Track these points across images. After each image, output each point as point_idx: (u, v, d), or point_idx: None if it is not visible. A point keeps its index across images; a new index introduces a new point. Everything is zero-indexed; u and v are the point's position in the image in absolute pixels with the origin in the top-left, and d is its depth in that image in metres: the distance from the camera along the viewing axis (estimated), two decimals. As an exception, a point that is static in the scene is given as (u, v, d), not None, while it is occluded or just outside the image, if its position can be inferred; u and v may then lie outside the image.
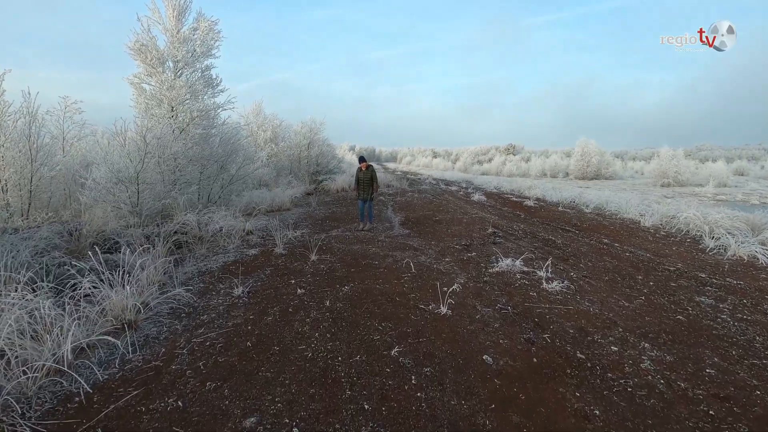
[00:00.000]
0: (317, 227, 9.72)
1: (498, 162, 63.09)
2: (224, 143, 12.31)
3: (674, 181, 31.34)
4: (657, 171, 33.12)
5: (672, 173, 31.70)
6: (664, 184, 31.12)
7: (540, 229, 9.28)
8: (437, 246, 7.50)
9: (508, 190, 20.61)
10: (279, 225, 9.89)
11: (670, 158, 32.33)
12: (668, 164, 32.08)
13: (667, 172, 31.81)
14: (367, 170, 8.98)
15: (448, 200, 15.22)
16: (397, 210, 12.57)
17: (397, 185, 20.60)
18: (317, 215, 11.71)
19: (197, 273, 5.84)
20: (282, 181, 17.84)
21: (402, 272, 5.63)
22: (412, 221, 10.43)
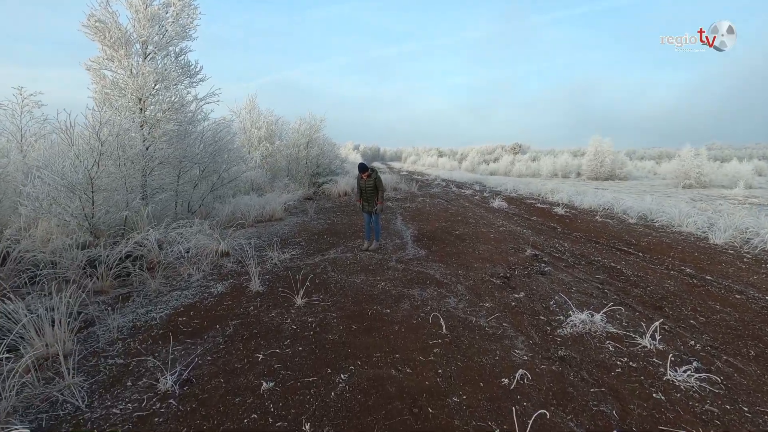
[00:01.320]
0: (312, 245, 7.89)
1: (506, 162, 61.10)
2: (206, 142, 10.52)
3: (696, 182, 29.29)
4: (678, 171, 31.01)
5: (694, 174, 29.66)
6: (686, 186, 29.07)
7: (591, 250, 7.39)
8: (467, 277, 5.65)
9: (526, 194, 18.69)
10: (265, 241, 8.08)
11: (692, 158, 30.27)
12: (690, 164, 30.03)
13: (689, 173, 29.76)
14: (369, 178, 7.13)
15: (465, 207, 13.35)
16: (408, 220, 10.72)
17: (405, 188, 18.74)
18: (314, 227, 9.89)
19: (129, 329, 4.02)
20: (278, 185, 16.04)
21: (428, 334, 3.79)
22: (428, 236, 8.58)
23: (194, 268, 6.00)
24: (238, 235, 8.80)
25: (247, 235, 8.81)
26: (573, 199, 15.20)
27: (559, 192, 17.27)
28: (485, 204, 14.40)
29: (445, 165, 71.95)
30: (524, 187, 20.66)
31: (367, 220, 7.45)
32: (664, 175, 40.39)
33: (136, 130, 8.83)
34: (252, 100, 16.64)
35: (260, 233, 9.16)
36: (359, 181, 7.30)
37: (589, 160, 41.22)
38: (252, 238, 8.38)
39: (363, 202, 7.34)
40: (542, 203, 14.55)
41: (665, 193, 22.84)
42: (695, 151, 31.25)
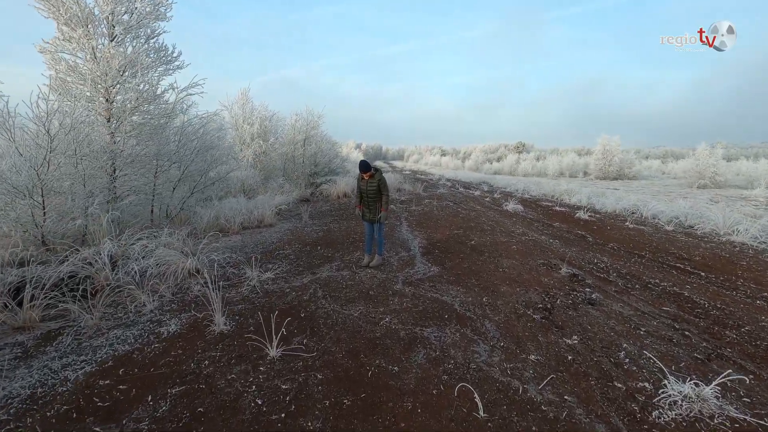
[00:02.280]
0: (302, 259, 6.65)
1: (511, 161, 59.80)
2: (187, 138, 9.29)
3: (711, 182, 27.96)
4: (693, 171, 29.63)
5: (709, 174, 28.31)
6: (700, 186, 27.73)
7: (638, 267, 6.12)
8: (495, 308, 4.40)
9: (539, 195, 17.41)
10: (249, 254, 6.84)
11: (707, 157, 28.91)
12: (705, 163, 28.67)
13: (703, 173, 28.41)
14: (372, 179, 5.87)
15: (476, 210, 12.07)
16: (415, 226, 9.46)
17: (409, 189, 17.47)
18: (307, 235, 8.64)
19: (22, 401, 2.78)
20: (271, 186, 14.80)
21: (455, 418, 2.54)
22: (439, 247, 7.33)
23: (150, 295, 4.76)
24: (218, 246, 7.56)
25: (229, 246, 7.57)
26: (592, 202, 13.92)
27: (575, 193, 15.98)
28: (498, 207, 13.11)
29: (449, 164, 70.64)
30: (535, 188, 19.38)
31: (368, 230, 6.20)
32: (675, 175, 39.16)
33: (102, 123, 7.63)
34: (244, 93, 15.40)
35: (244, 243, 7.92)
36: (359, 182, 6.05)
37: (597, 159, 40.06)
38: (233, 250, 7.15)
39: (363, 208, 6.10)
40: (560, 206, 13.25)
41: (680, 194, 21.61)
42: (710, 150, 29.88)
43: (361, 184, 5.99)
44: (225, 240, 8.27)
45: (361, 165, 5.86)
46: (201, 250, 6.39)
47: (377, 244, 6.24)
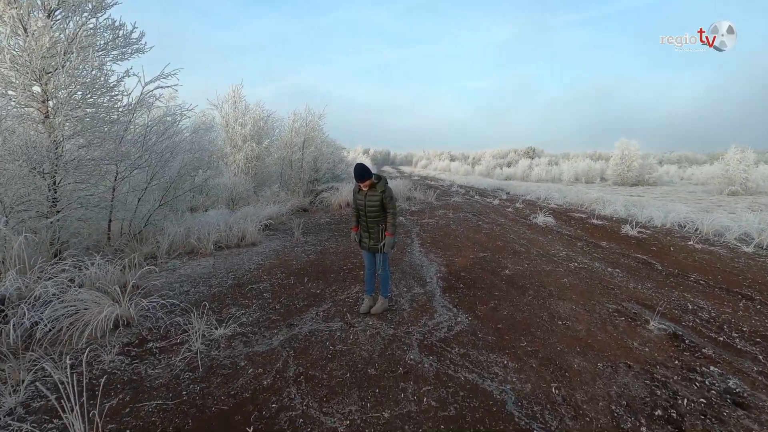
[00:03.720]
0: (280, 299, 4.89)
1: (523, 166, 57.85)
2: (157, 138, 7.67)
3: (742, 188, 25.82)
4: (721, 177, 27.47)
5: (740, 179, 26.16)
6: (731, 193, 25.60)
7: (761, 318, 4.26)
8: (577, 412, 2.61)
9: (565, 204, 15.49)
10: (211, 289, 5.10)
11: (737, 162, 26.76)
12: (736, 169, 26.53)
13: (734, 179, 26.26)
14: (374, 191, 4.15)
15: (500, 224, 10.23)
16: (430, 246, 7.68)
17: (420, 197, 15.65)
18: (295, 258, 6.90)
19: None
20: (265, 194, 13.13)
21: None
22: (465, 279, 5.54)
23: (27, 374, 3.03)
24: (178, 276, 5.85)
25: (192, 275, 5.85)
26: (632, 213, 12.00)
27: (608, 203, 14.05)
28: (525, 219, 11.25)
29: (459, 169, 68.76)
30: (558, 196, 17.48)
31: (368, 262, 4.43)
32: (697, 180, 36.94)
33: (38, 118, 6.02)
34: (236, 91, 13.79)
35: (214, 270, 6.19)
36: (356, 195, 4.29)
37: (615, 164, 38.10)
38: (195, 282, 5.41)
39: (362, 231, 4.34)
40: (598, 219, 11.35)
41: (713, 202, 19.67)
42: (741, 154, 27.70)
43: (358, 197, 4.23)
44: (192, 265, 6.56)
45: (356, 171, 4.08)
46: (145, 287, 4.68)
47: (380, 281, 4.47)
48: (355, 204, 4.31)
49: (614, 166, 37.89)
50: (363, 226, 4.29)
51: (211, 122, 14.03)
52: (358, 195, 4.24)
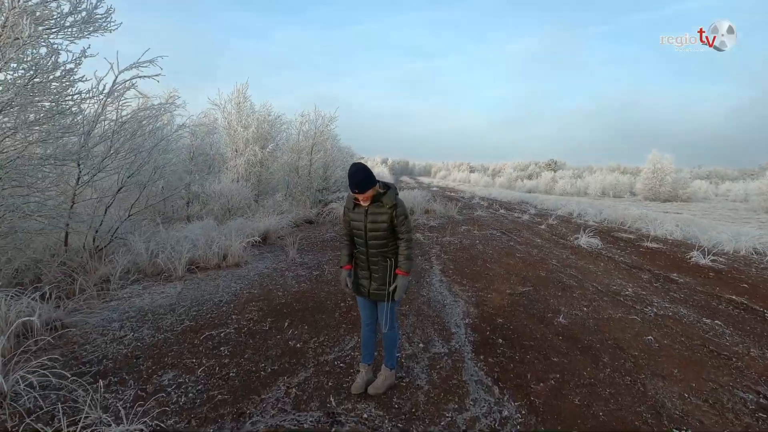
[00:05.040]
0: (242, 358, 3.43)
1: (546, 179, 55.67)
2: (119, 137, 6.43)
3: (792, 206, 23.42)
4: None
5: (790, 195, 23.75)
6: (782, 211, 23.21)
7: None
8: None
9: (604, 221, 13.66)
10: (157, 331, 3.66)
11: (782, 178, 24.39)
12: (787, 184, 24.16)
13: (784, 195, 23.86)
14: (379, 205, 2.65)
15: (537, 245, 8.59)
16: (453, 274, 6.13)
17: (440, 209, 14.07)
18: (282, 288, 5.46)
19: None
20: (267, 203, 11.80)
21: None
22: (504, 331, 3.98)
23: None
24: (121, 312, 4.46)
25: (141, 310, 4.43)
26: (690, 234, 10.19)
27: (653, 221, 12.22)
28: (564, 240, 9.56)
29: (479, 181, 66.85)
30: (593, 212, 15.68)
31: (366, 317, 2.93)
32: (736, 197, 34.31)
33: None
34: (241, 90, 12.60)
35: (172, 304, 4.78)
36: (351, 213, 2.77)
37: (647, 178, 35.78)
38: (137, 322, 3.96)
39: (358, 269, 2.85)
40: (651, 241, 9.55)
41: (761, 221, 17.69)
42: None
43: (354, 217, 2.73)
44: (153, 292, 5.19)
45: (352, 175, 2.57)
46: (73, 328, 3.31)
47: (384, 345, 2.95)
48: (348, 227, 2.82)
49: (645, 180, 35.60)
50: (360, 261, 2.80)
51: (213, 123, 12.88)
52: (353, 213, 2.74)
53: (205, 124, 12.57)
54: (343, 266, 2.86)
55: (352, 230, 2.77)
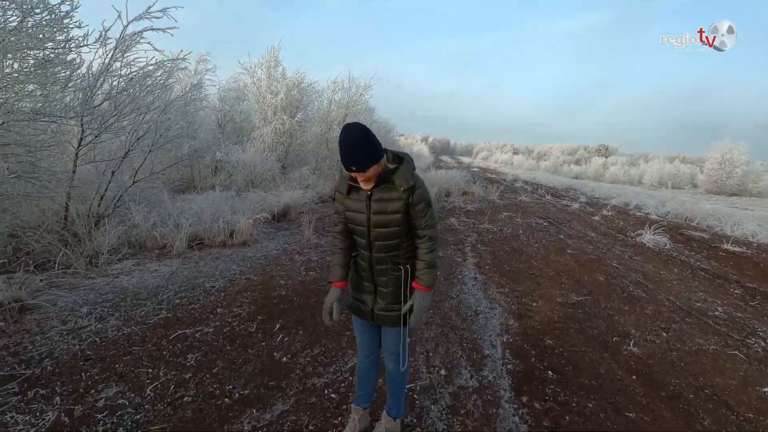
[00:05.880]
0: (209, 373, 2.69)
1: (596, 165, 51.99)
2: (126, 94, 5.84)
3: None
4: None
5: None
6: None
7: None
8: None
9: (665, 215, 11.98)
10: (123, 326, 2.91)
11: None
12: None
13: None
14: (388, 188, 1.72)
15: (591, 240, 7.37)
16: (490, 271, 5.15)
17: (479, 193, 12.87)
18: (286, 276, 4.71)
19: None
20: (294, 175, 11.12)
21: None
22: (556, 360, 3.01)
23: None
24: (99, 292, 3.85)
25: (122, 292, 3.80)
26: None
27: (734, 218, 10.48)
28: (623, 235, 8.22)
29: (522, 164, 63.71)
30: (654, 203, 13.90)
31: (364, 348, 2.05)
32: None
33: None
34: (273, 53, 11.80)
35: (159, 286, 4.13)
36: (345, 199, 1.82)
37: (712, 169, 32.23)
38: (109, 309, 3.28)
39: (357, 281, 1.95)
40: (732, 243, 8.03)
41: None
42: None
43: (351, 205, 1.81)
44: (145, 270, 4.59)
45: (346, 148, 1.61)
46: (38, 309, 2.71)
47: (389, 385, 2.07)
48: (343, 222, 1.92)
49: (710, 171, 32.12)
50: (362, 270, 1.90)
51: (242, 90, 12.23)
52: (349, 201, 1.81)
53: (234, 90, 11.97)
54: (334, 282, 1.92)
55: (349, 226, 1.87)
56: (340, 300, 1.89)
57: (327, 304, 1.88)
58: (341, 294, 1.90)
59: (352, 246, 1.92)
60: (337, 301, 1.88)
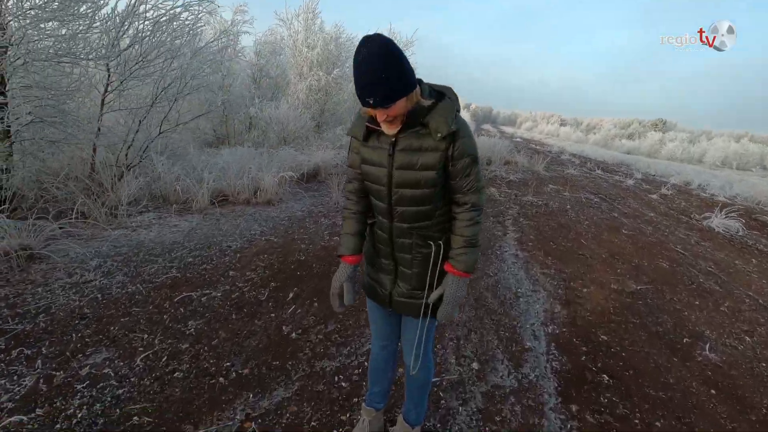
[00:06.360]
0: (207, 346, 2.40)
1: (652, 140, 48.12)
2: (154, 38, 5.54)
3: None
4: None
5: None
6: None
7: None
8: None
9: (733, 197, 10.70)
10: (129, 282, 2.70)
11: None
12: None
13: None
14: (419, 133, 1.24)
15: (650, 221, 6.57)
16: (533, 248, 4.60)
17: (523, 163, 11.98)
18: (308, 239, 4.37)
19: None
20: (328, 135, 10.70)
21: None
22: (613, 361, 2.51)
23: None
24: (115, 244, 3.66)
25: (138, 245, 3.59)
26: None
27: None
28: (686, 217, 7.32)
29: (569, 136, 60.10)
30: (719, 184, 12.51)
31: (381, 331, 1.63)
32: None
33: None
34: (311, 4, 11.14)
35: (176, 242, 3.90)
36: (360, 149, 1.36)
37: (792, 150, 29.09)
38: (120, 263, 3.05)
39: (372, 256, 1.52)
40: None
41: None
42: None
43: (369, 157, 1.33)
44: (166, 224, 4.39)
45: (364, 72, 1.11)
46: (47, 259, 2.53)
47: (410, 389, 1.66)
48: (355, 178, 1.45)
49: (789, 152, 29.05)
50: (380, 243, 1.45)
51: (279, 43, 11.72)
52: (366, 149, 1.34)
53: (270, 43, 11.48)
54: (344, 256, 1.46)
55: (365, 184, 1.41)
56: (352, 279, 1.45)
57: (336, 285, 1.44)
58: (354, 271, 1.46)
59: (369, 210, 1.47)
60: (349, 281, 1.44)
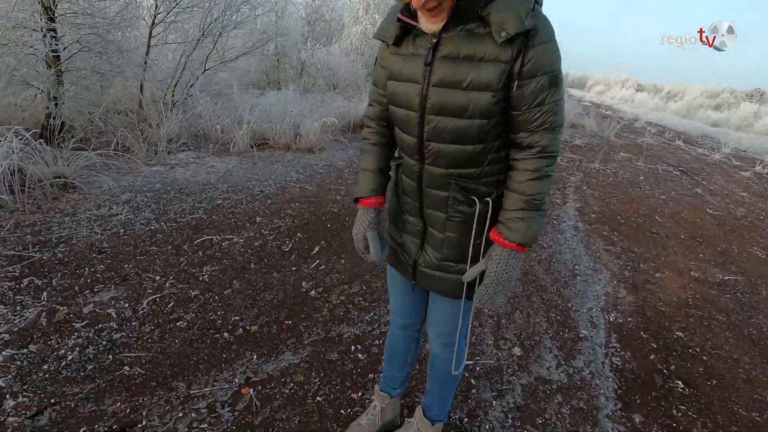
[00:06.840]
0: (219, 296, 2.20)
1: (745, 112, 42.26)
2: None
3: None
4: None
5: None
6: None
7: None
8: None
9: None
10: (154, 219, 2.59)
11: None
12: None
13: None
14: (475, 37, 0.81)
15: (740, 201, 5.62)
16: (597, 222, 4.02)
17: (592, 127, 10.79)
18: (344, 191, 4.07)
19: None
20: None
21: None
22: (692, 366, 2.04)
23: None
24: (149, 180, 3.57)
25: (173, 184, 3.50)
26: None
27: None
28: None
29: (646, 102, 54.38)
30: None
31: (404, 312, 1.30)
32: None
33: None
34: (370, -61, 10.24)
35: (209, 184, 3.75)
36: (388, 58, 0.95)
37: None
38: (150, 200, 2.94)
39: (395, 212, 1.15)
40: None
41: None
42: None
43: (398, 70, 0.92)
44: (203, 164, 4.30)
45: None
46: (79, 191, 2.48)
47: (433, 380, 1.33)
48: (377, 101, 1.07)
49: None
50: (407, 194, 1.06)
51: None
52: (397, 56, 0.92)
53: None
54: (362, 199, 1.11)
55: (390, 109, 1.01)
56: (376, 226, 1.10)
57: (358, 237, 1.10)
58: (377, 217, 1.10)
59: (390, 145, 1.09)
60: (373, 229, 1.09)
